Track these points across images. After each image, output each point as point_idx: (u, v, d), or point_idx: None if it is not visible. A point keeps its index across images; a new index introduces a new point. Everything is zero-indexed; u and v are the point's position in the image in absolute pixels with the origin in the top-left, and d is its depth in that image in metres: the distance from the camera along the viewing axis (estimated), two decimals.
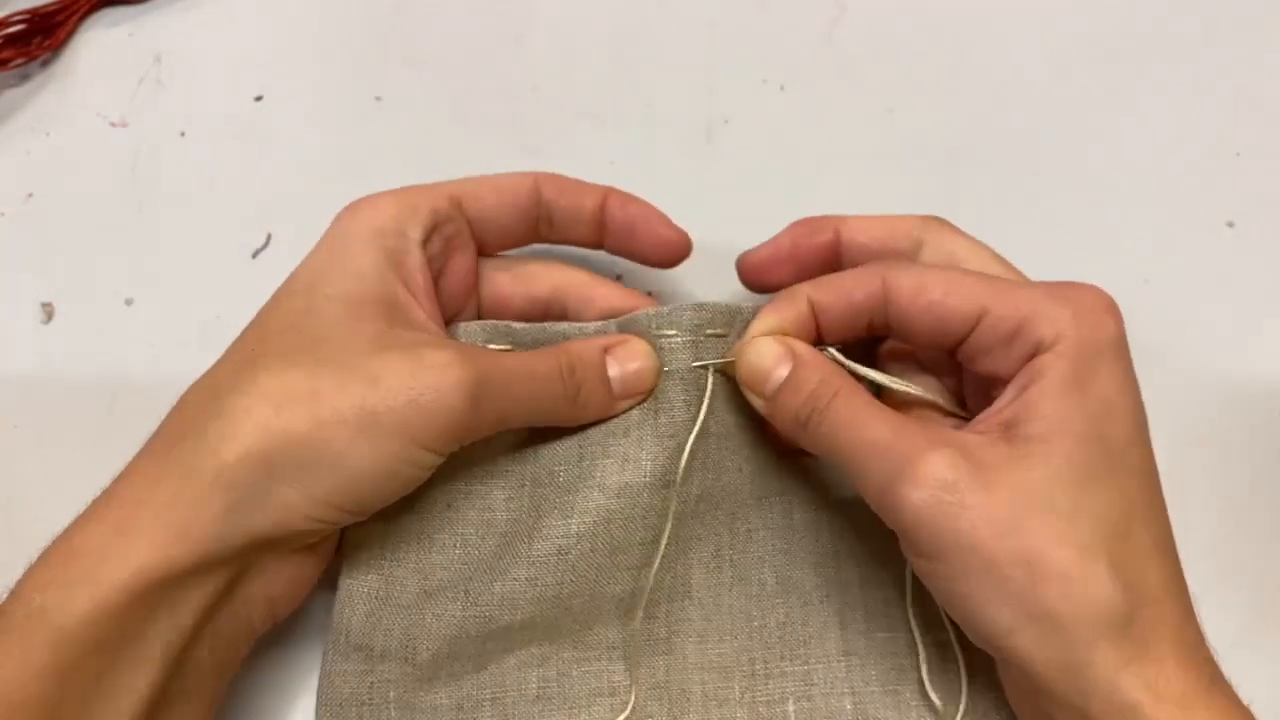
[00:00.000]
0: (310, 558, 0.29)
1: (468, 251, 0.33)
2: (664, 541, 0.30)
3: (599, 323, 0.31)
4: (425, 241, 0.31)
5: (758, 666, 0.31)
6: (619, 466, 0.30)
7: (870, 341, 0.32)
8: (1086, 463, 0.26)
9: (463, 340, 0.31)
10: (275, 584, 0.28)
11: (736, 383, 0.30)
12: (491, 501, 0.31)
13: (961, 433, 0.28)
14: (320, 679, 0.30)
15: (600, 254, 0.38)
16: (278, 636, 0.31)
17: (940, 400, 0.30)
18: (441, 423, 0.27)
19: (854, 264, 0.32)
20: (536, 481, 0.31)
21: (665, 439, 0.30)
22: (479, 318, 0.33)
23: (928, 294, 0.28)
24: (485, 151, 0.36)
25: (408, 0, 0.44)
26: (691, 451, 0.30)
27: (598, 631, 0.31)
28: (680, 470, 0.30)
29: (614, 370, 0.30)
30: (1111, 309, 0.28)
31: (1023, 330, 0.27)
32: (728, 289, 0.37)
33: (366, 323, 0.28)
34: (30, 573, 0.25)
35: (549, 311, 0.34)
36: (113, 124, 0.41)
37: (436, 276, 0.31)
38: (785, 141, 0.41)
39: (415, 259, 0.30)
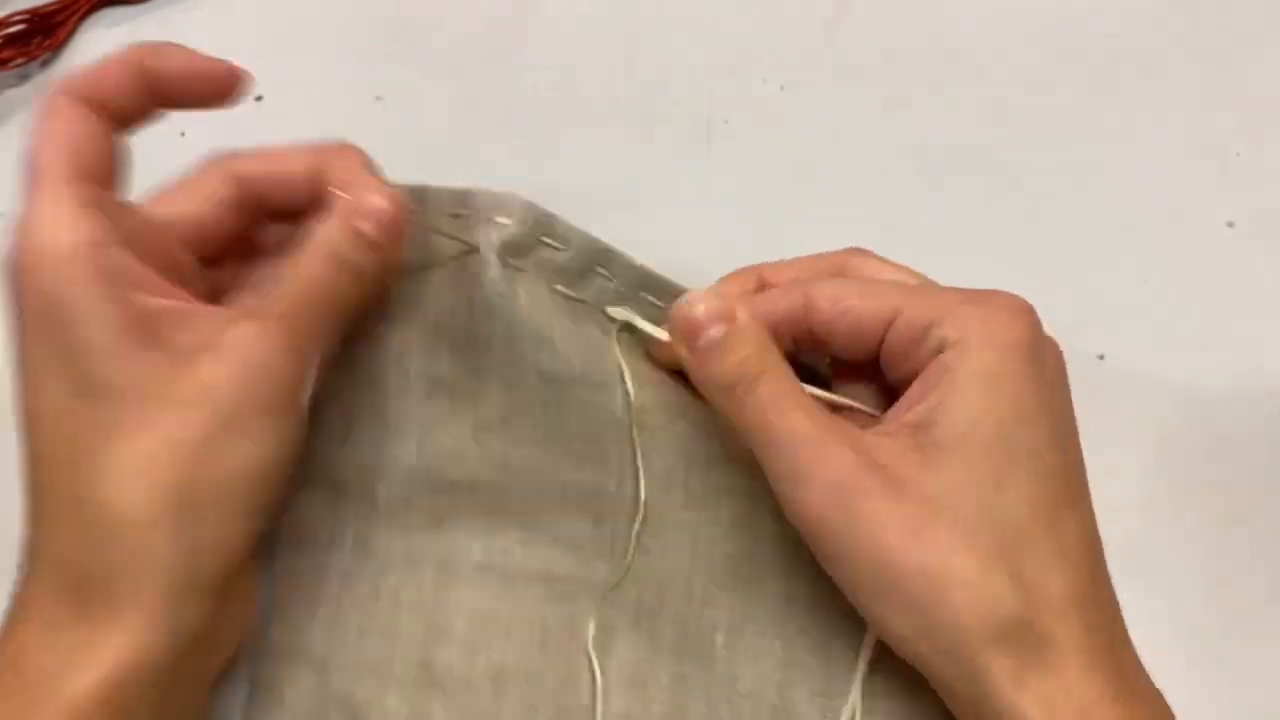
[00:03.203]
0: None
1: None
2: (637, 450, 0.31)
3: (551, 215, 0.31)
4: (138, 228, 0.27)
5: (695, 589, 0.31)
6: (549, 357, 0.30)
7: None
8: (992, 468, 0.26)
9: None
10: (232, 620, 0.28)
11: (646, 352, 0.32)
12: (413, 349, 0.31)
13: (871, 434, 0.28)
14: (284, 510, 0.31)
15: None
16: None
17: (869, 409, 0.30)
18: (286, 386, 0.26)
19: None
20: (472, 346, 0.31)
21: (580, 342, 0.31)
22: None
23: (845, 300, 0.29)
24: (485, 151, 0.36)
25: (408, 0, 0.44)
26: (612, 362, 0.31)
27: (545, 519, 0.31)
28: (622, 365, 0.31)
29: (366, 227, 0.28)
30: (1025, 312, 0.28)
31: (931, 330, 0.27)
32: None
33: (141, 350, 0.25)
34: None
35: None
36: None
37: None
38: (785, 141, 0.41)
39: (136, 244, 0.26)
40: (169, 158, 0.41)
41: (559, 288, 0.31)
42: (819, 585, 0.31)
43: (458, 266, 0.30)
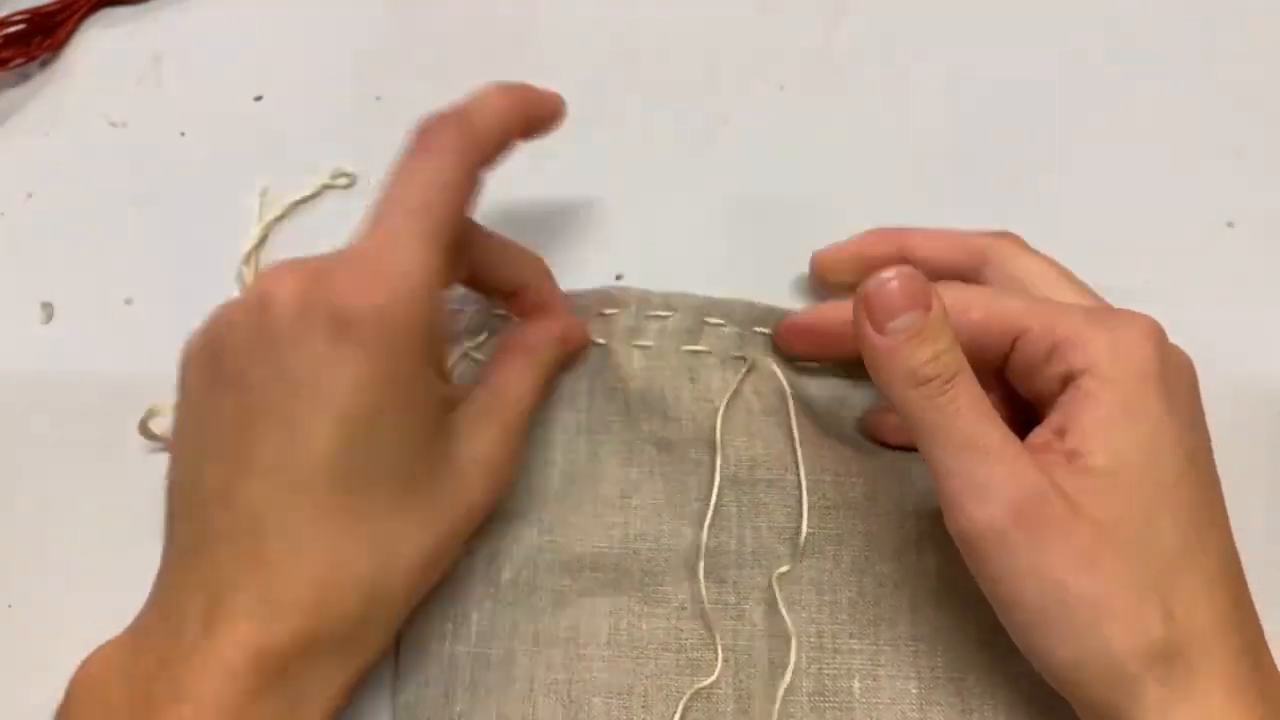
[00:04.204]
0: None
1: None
2: (713, 498, 0.32)
3: (649, 292, 0.34)
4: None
5: (825, 640, 0.31)
6: (662, 424, 0.33)
7: None
8: (1142, 500, 0.26)
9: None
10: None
11: (777, 379, 0.33)
12: (550, 441, 0.33)
13: (1039, 455, 0.27)
14: None
15: (603, 255, 0.38)
16: None
17: None
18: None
19: None
20: (592, 430, 0.33)
21: (702, 402, 0.33)
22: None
23: (968, 314, 0.28)
24: None
25: (408, 0, 0.44)
26: (728, 418, 0.32)
27: (665, 588, 0.32)
28: (718, 429, 0.32)
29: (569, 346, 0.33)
30: (1152, 336, 0.28)
31: (1057, 352, 0.27)
32: (728, 289, 0.37)
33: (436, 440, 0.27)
34: None
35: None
36: (113, 124, 0.41)
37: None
38: (785, 141, 0.41)
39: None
40: (169, 157, 0.41)
41: (685, 347, 0.33)
42: (943, 623, 0.31)
43: (581, 359, 0.34)
